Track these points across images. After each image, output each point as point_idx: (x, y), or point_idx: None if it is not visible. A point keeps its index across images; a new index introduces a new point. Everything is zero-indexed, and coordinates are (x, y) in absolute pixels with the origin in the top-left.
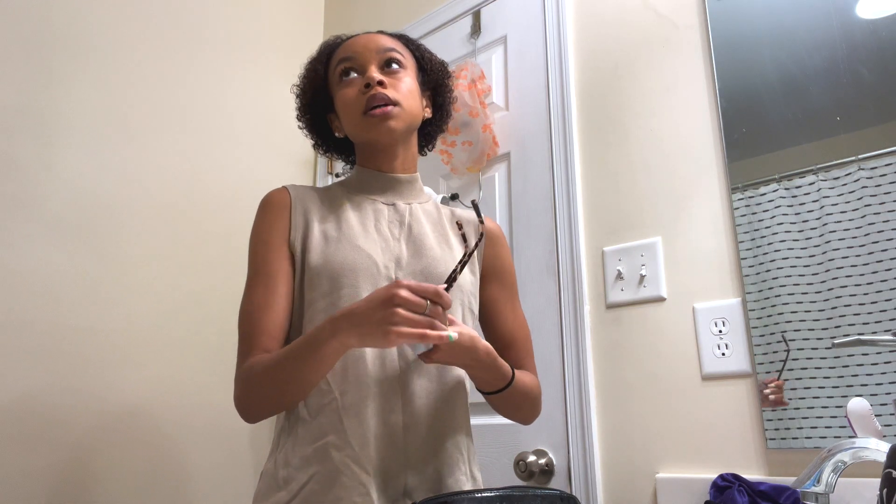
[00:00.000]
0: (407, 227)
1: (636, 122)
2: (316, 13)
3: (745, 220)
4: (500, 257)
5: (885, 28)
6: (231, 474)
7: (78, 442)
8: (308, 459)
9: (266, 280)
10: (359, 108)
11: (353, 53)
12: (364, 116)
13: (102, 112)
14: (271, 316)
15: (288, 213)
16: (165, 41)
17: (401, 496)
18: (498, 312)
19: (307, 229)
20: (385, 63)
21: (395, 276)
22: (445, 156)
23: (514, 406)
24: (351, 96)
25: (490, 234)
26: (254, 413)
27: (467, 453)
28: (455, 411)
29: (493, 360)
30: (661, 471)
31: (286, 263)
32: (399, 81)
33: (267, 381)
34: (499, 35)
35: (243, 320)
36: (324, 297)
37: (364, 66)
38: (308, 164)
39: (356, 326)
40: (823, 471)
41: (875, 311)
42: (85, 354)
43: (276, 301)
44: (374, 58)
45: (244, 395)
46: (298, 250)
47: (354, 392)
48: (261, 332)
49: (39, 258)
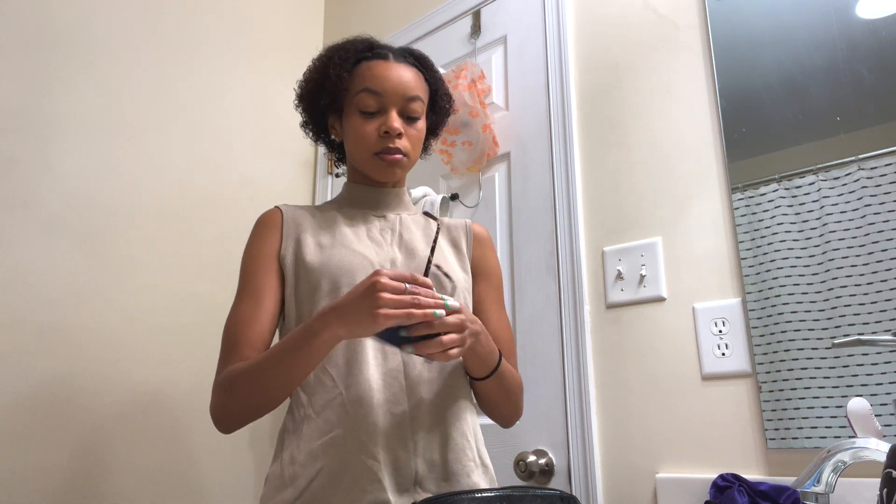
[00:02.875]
0: (398, 234)
1: (636, 122)
2: (316, 13)
3: (745, 220)
4: (486, 258)
5: (885, 28)
6: (231, 474)
7: (78, 441)
8: (315, 454)
9: (253, 295)
10: (372, 148)
11: (381, 91)
12: (374, 157)
13: (102, 112)
14: (255, 329)
15: (279, 229)
16: (165, 41)
17: (412, 485)
18: (483, 312)
19: (299, 242)
20: (407, 110)
21: None
22: (445, 156)
23: (501, 396)
24: (368, 133)
25: (477, 236)
26: (232, 420)
27: (474, 439)
28: (458, 398)
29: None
30: (661, 471)
31: (274, 280)
32: (415, 130)
33: (250, 380)
34: (499, 35)
35: (227, 332)
36: (326, 297)
37: (387, 106)
38: (308, 164)
39: (344, 316)
40: (823, 471)
41: (875, 311)
42: (84, 354)
43: (262, 316)
44: (399, 103)
45: (223, 402)
46: (290, 263)
47: (359, 386)
48: (243, 343)
49: (39, 258)
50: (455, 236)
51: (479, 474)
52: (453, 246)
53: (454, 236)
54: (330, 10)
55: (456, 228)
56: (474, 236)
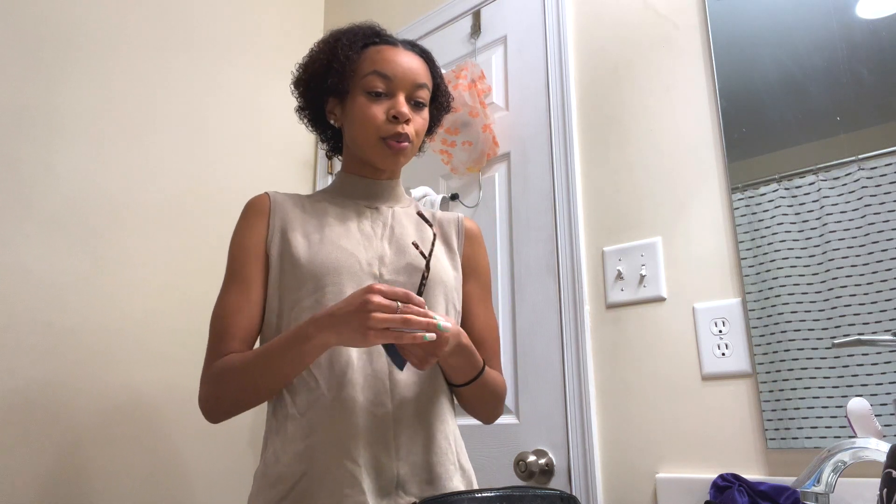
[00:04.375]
0: (389, 228)
1: (636, 122)
2: (316, 13)
3: (745, 220)
4: (477, 255)
5: (885, 28)
6: (230, 474)
7: (77, 441)
8: (299, 456)
9: (241, 285)
10: (379, 131)
11: (391, 74)
12: (380, 142)
13: (102, 112)
14: (243, 320)
15: (266, 217)
16: (165, 41)
17: (393, 487)
18: (470, 310)
19: (285, 233)
20: (414, 96)
21: (378, 272)
22: (445, 156)
23: (481, 400)
24: (376, 115)
25: (468, 233)
26: (221, 411)
27: (455, 444)
28: (441, 403)
29: (470, 345)
30: (661, 471)
31: (261, 269)
32: (421, 118)
33: (241, 376)
34: (499, 35)
35: (215, 322)
36: (309, 295)
37: (395, 91)
38: (308, 164)
39: (335, 326)
40: (823, 471)
41: (875, 311)
42: (84, 354)
43: (249, 306)
44: (408, 88)
45: (213, 394)
46: (275, 254)
47: (343, 388)
48: (232, 335)
49: (39, 258)
50: (446, 232)
51: (458, 478)
52: (444, 243)
53: (445, 232)
54: (330, 11)
55: (448, 224)
56: (466, 233)
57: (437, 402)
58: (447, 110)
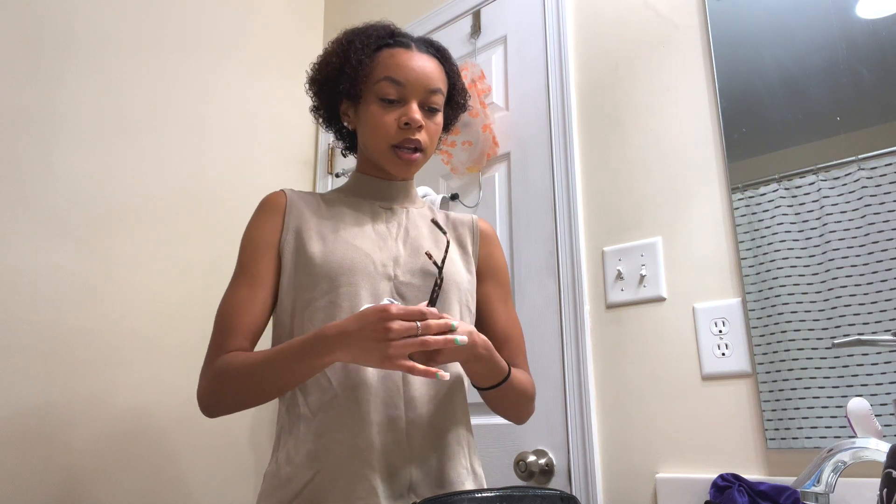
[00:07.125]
0: (404, 229)
1: (636, 122)
2: (316, 13)
3: (745, 220)
4: (493, 256)
5: (885, 28)
6: (230, 474)
7: (77, 441)
8: (311, 456)
9: (250, 280)
10: (390, 139)
11: (404, 80)
12: (392, 149)
13: (102, 112)
14: (249, 317)
15: (282, 215)
16: (165, 41)
17: (406, 491)
18: (492, 311)
19: (300, 232)
20: (428, 102)
21: (393, 273)
22: (445, 156)
23: (509, 403)
24: (388, 123)
25: (483, 235)
26: (221, 409)
27: (467, 447)
28: (455, 405)
29: (491, 354)
30: (661, 471)
31: (272, 267)
32: (434, 124)
33: (245, 378)
34: (499, 35)
35: (221, 316)
36: (323, 295)
37: (408, 97)
38: (308, 164)
39: (349, 347)
40: (823, 471)
41: (875, 311)
42: (84, 354)
43: (256, 303)
44: (421, 94)
45: (214, 391)
46: (289, 253)
47: (356, 389)
48: (237, 331)
49: (39, 258)
50: (461, 234)
51: (470, 483)
52: (459, 245)
53: (460, 234)
54: (330, 11)
55: (462, 226)
56: (481, 234)
57: (450, 404)
58: (464, 109)
